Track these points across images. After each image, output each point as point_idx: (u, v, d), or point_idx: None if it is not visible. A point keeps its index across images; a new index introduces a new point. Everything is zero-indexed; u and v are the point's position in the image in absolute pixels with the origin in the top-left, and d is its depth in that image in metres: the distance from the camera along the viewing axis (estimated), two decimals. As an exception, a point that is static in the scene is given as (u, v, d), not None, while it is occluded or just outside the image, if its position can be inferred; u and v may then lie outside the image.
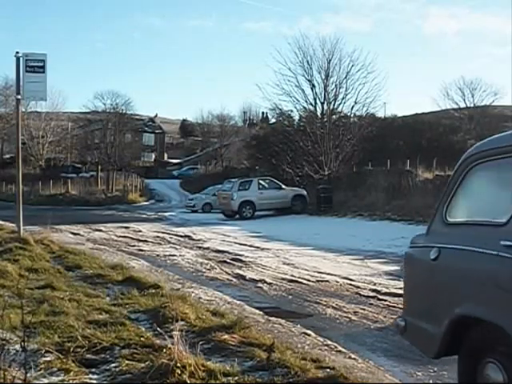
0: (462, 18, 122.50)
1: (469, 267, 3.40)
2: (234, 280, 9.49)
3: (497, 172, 3.59)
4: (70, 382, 4.09)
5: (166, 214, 29.02)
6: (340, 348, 5.45)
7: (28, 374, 3.73)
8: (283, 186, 25.66)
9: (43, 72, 12.39)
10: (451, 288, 3.57)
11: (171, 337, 4.72)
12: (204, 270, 10.48)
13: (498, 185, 3.60)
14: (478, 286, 3.28)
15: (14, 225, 14.86)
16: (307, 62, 29.58)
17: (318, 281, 9.21)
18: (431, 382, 4.61)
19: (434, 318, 3.64)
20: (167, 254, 12.90)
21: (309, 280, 9.26)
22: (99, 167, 49.89)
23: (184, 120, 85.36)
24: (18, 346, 4.65)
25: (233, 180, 26.82)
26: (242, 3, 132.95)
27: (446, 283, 3.62)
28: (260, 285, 8.94)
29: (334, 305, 7.41)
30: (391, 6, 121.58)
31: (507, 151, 3.35)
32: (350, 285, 8.79)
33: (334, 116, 30.51)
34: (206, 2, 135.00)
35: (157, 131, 75.47)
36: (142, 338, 5.00)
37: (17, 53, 12.45)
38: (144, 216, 27.76)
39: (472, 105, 55.45)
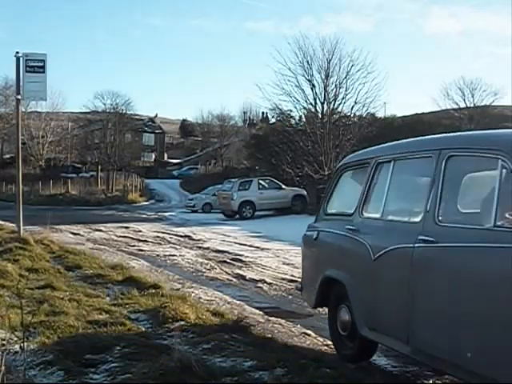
0: (463, 17, 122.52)
1: (331, 243, 4.99)
2: (234, 280, 9.49)
3: (353, 178, 5.21)
4: (70, 381, 4.09)
5: (166, 214, 29.03)
6: (340, 348, 5.46)
7: (28, 374, 3.73)
8: (283, 186, 25.66)
9: (43, 72, 12.39)
10: (323, 258, 5.19)
11: (171, 337, 4.73)
12: (204, 270, 10.48)
13: (353, 187, 5.09)
14: (334, 256, 4.94)
15: (13, 225, 14.86)
16: (307, 62, 29.55)
17: (318, 281, 9.20)
18: (431, 381, 4.61)
19: (313, 280, 5.20)
20: (167, 254, 12.90)
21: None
22: (99, 167, 49.92)
23: (184, 120, 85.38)
24: (17, 346, 4.66)
25: (233, 180, 26.83)
26: (243, 3, 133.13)
27: (320, 255, 5.26)
28: (260, 285, 8.94)
29: (334, 305, 7.40)
30: (393, 5, 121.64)
31: (359, 164, 4.98)
32: (350, 285, 8.79)
33: (334, 116, 30.46)
34: (208, 2, 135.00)
35: (157, 131, 75.48)
36: (142, 338, 5.00)
37: (17, 53, 12.46)
38: (144, 216, 27.77)
39: (472, 105, 55.44)
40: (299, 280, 9.20)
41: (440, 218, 3.67)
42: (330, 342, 5.57)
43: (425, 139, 4.34)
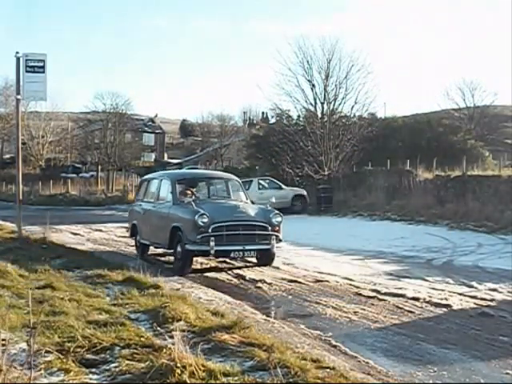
0: (465, 17, 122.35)
1: (137, 210, 12.44)
2: (234, 280, 9.48)
3: (147, 185, 12.59)
4: (70, 381, 4.09)
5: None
6: (340, 348, 5.46)
7: (28, 374, 3.73)
8: (283, 186, 25.62)
9: (43, 72, 12.41)
10: (132, 216, 12.84)
11: (171, 337, 4.73)
12: (204, 270, 10.47)
13: (147, 190, 12.49)
14: (136, 215, 12.45)
15: (13, 225, 14.86)
16: (307, 62, 29.55)
17: (317, 281, 9.20)
18: (431, 381, 4.61)
19: (129, 224, 12.96)
20: (167, 253, 12.87)
21: (309, 280, 9.26)
22: (99, 167, 49.92)
23: (184, 120, 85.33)
24: (18, 346, 4.66)
25: (233, 180, 26.75)
26: (246, 3, 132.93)
27: (131, 215, 12.99)
28: (260, 285, 8.93)
29: (333, 305, 7.40)
30: (396, 5, 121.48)
31: (149, 179, 12.93)
32: (350, 285, 8.79)
33: (334, 116, 30.45)
34: (212, 2, 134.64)
35: (157, 131, 75.44)
36: (142, 338, 5.00)
37: (17, 53, 12.47)
38: (144, 216, 27.68)
39: (472, 105, 55.45)
40: (298, 280, 9.26)
41: (157, 199, 11.53)
42: (329, 341, 5.60)
43: (159, 173, 13.81)
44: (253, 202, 12.44)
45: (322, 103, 29.81)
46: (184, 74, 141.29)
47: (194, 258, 10.23)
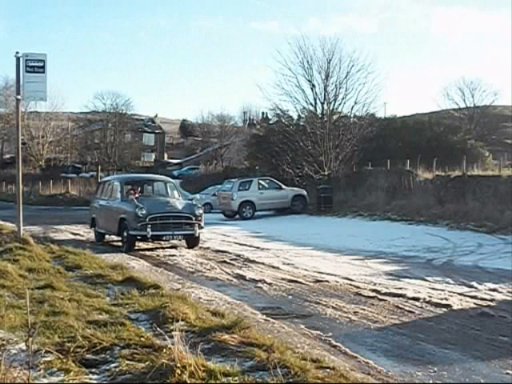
0: (468, 18, 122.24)
1: (96, 206, 15.57)
2: (234, 280, 9.48)
3: (103, 186, 15.87)
4: (70, 382, 4.09)
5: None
6: (340, 348, 5.46)
7: (28, 374, 3.73)
8: (283, 186, 25.63)
9: (43, 72, 12.39)
10: (92, 211, 15.79)
11: (171, 337, 4.73)
12: (204, 270, 10.48)
13: (103, 190, 15.65)
14: (95, 210, 15.53)
15: (13, 225, 14.86)
16: (307, 62, 29.58)
17: (317, 281, 9.20)
18: (431, 381, 4.61)
19: (90, 217, 15.91)
20: (167, 254, 12.91)
21: (309, 280, 9.26)
22: (99, 167, 49.85)
23: (184, 120, 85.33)
24: (18, 346, 4.66)
25: (233, 180, 26.79)
26: (249, 3, 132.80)
27: (92, 210, 15.89)
28: (260, 285, 8.93)
29: (333, 305, 7.40)
30: (399, 5, 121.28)
31: (105, 181, 16.36)
32: (350, 285, 8.79)
33: (334, 116, 30.47)
34: (215, 2, 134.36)
35: (157, 131, 75.48)
36: (142, 338, 5.00)
37: (17, 53, 12.46)
38: (144, 216, 27.68)
39: (472, 105, 55.50)
40: (298, 280, 9.27)
41: (110, 196, 14.93)
42: (329, 341, 5.60)
43: (112, 177, 19.96)
44: (191, 199, 16.96)
45: (322, 103, 29.85)
46: (184, 73, 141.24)
47: (193, 259, 10.21)
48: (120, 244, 13.80)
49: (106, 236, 15.06)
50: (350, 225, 19.89)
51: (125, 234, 13.15)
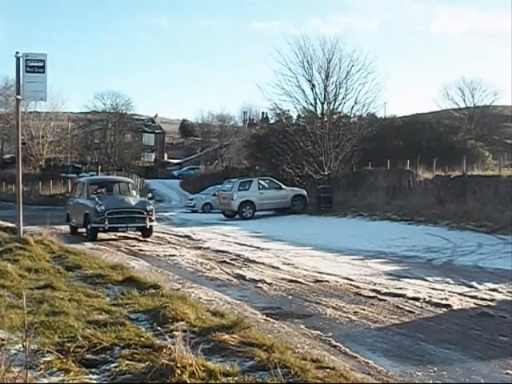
0: (469, 18, 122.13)
1: (71, 204, 17.97)
2: (234, 280, 9.48)
3: (77, 186, 18.67)
4: (70, 381, 4.09)
5: (166, 214, 28.98)
6: (340, 348, 5.46)
7: (28, 374, 3.73)
8: (283, 186, 25.63)
9: (43, 72, 12.39)
10: (68, 207, 18.25)
11: (171, 337, 4.73)
12: (204, 270, 10.48)
13: (76, 189, 18.51)
14: (71, 206, 17.90)
15: (13, 225, 14.86)
16: (307, 62, 29.56)
17: (317, 281, 9.20)
18: (431, 381, 4.61)
19: (66, 213, 18.36)
20: (167, 254, 12.91)
21: (309, 280, 9.26)
22: (99, 167, 49.94)
23: (184, 120, 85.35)
24: (17, 346, 4.66)
25: (233, 180, 26.79)
26: (249, 3, 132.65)
27: (68, 207, 18.36)
28: (260, 285, 8.93)
29: (333, 305, 7.40)
30: (400, 5, 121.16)
31: (77, 182, 19.35)
32: (350, 285, 8.79)
33: (334, 116, 30.46)
34: (215, 2, 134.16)
35: (157, 131, 75.49)
36: (142, 338, 4.99)
37: (17, 53, 12.45)
38: (144, 216, 27.67)
39: (472, 105, 55.48)
40: (298, 280, 9.27)
41: (80, 195, 17.46)
42: (329, 341, 5.60)
43: (83, 178, 21.06)
44: (152, 198, 21.42)
45: (322, 103, 29.83)
46: (184, 73, 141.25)
47: (193, 259, 10.18)
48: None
49: (79, 229, 17.22)
50: (350, 225, 19.89)
51: (88, 226, 15.72)
